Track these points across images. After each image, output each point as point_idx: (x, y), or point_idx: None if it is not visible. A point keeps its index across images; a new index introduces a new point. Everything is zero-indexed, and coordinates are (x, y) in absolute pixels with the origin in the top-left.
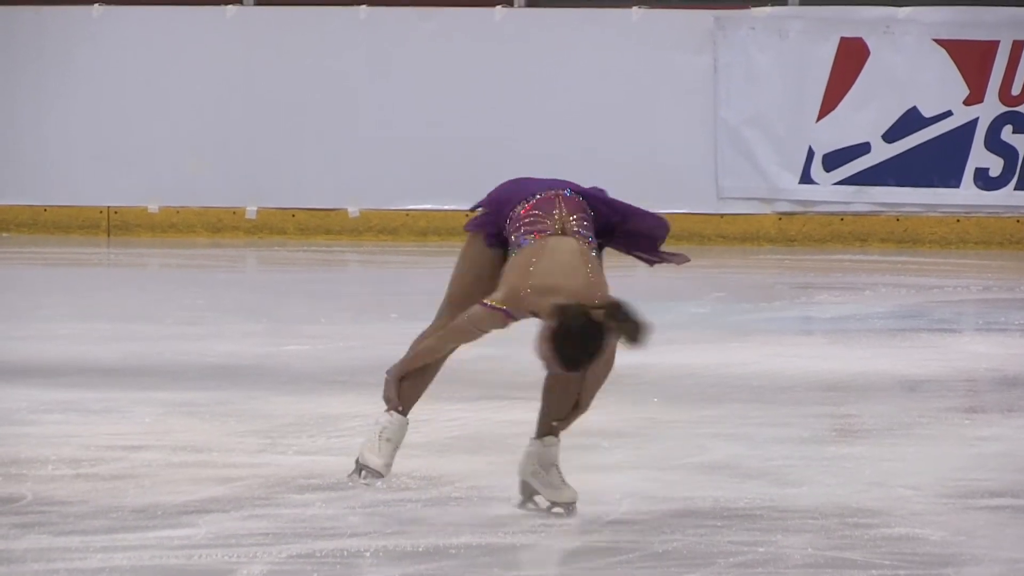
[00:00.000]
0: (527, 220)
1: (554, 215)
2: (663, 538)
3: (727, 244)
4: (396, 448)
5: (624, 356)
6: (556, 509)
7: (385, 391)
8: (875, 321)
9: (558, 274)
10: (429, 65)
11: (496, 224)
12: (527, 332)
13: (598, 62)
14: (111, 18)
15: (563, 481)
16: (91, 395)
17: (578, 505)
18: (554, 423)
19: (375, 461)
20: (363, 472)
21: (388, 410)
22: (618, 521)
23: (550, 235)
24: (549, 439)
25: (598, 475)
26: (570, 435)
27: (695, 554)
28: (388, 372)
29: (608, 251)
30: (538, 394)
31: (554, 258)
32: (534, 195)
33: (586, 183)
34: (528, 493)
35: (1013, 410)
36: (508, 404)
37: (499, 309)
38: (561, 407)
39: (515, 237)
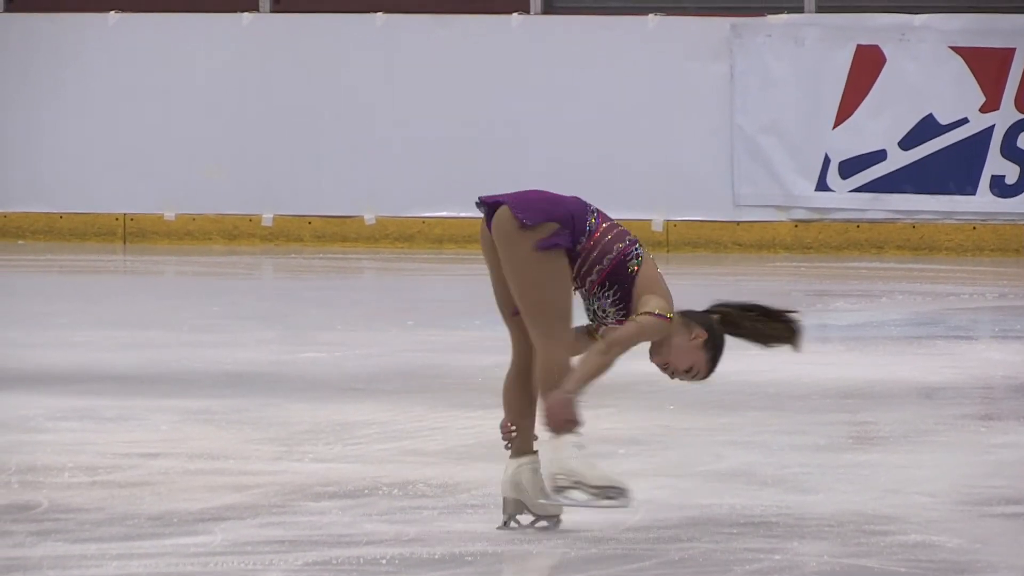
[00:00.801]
0: (615, 231)
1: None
2: (679, 546)
3: (743, 252)
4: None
5: (638, 364)
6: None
7: (568, 414)
8: (891, 328)
9: (665, 284)
10: (445, 72)
11: (572, 239)
12: None
13: (614, 69)
14: (126, 26)
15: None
16: (107, 403)
17: (591, 512)
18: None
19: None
20: (610, 494)
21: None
22: (634, 528)
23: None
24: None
25: None
26: (586, 443)
27: (711, 562)
28: (557, 398)
29: None
30: None
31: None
32: (587, 207)
33: (604, 190)
34: (516, 510)
35: None
36: None
37: (667, 318)
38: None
39: (611, 247)
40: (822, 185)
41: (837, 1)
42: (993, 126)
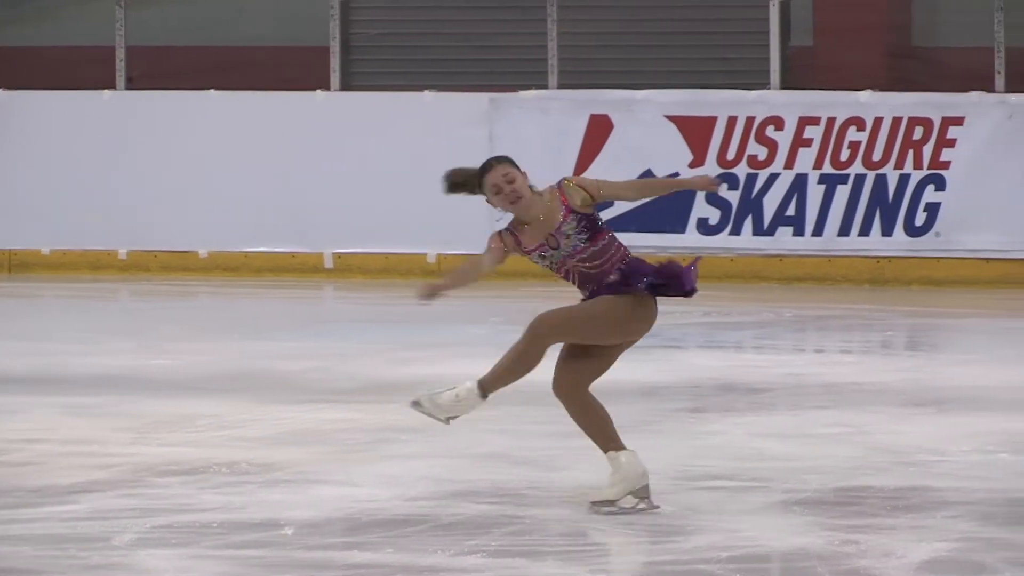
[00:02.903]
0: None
1: None
2: (450, 512)
3: (500, 279)
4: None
5: (421, 368)
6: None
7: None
8: None
9: None
10: (264, 136)
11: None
12: (352, 351)
13: (399, 134)
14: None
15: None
16: (1, 399)
17: (381, 487)
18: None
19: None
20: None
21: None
22: (413, 498)
23: None
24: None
25: (398, 463)
26: (374, 430)
27: (475, 524)
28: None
29: None
30: (351, 399)
31: None
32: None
33: (389, 229)
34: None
35: (730, 410)
36: (327, 406)
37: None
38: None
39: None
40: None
41: (575, 80)
42: None
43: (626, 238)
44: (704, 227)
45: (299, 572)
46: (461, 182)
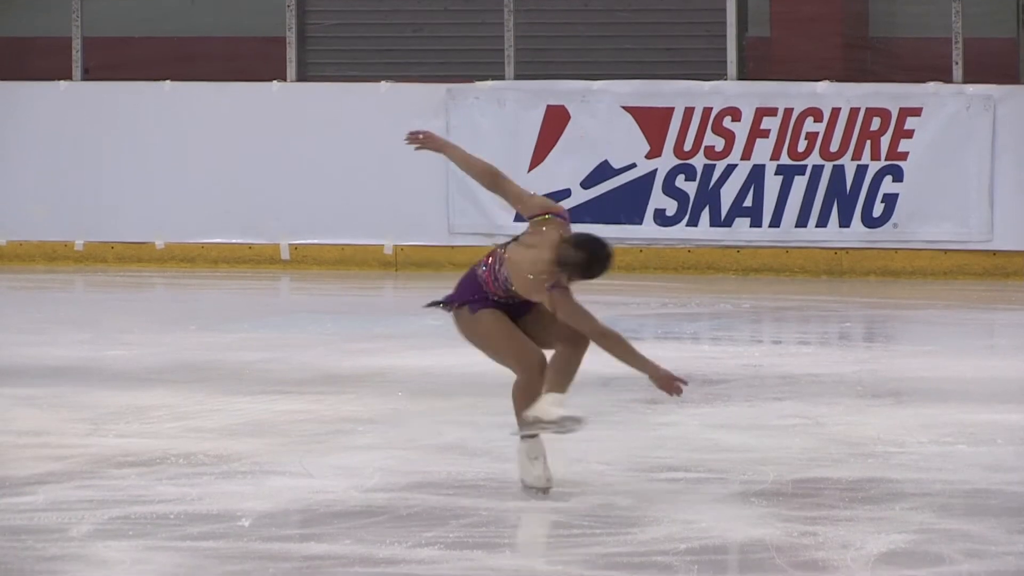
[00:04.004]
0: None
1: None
2: (408, 503)
3: (457, 270)
4: None
5: (372, 359)
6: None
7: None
8: None
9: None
10: (220, 127)
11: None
12: (308, 342)
13: (355, 125)
14: None
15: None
16: None
17: (337, 478)
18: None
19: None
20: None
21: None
22: (371, 489)
23: None
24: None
25: (354, 454)
26: (330, 421)
27: (433, 516)
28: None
29: None
30: (307, 390)
31: None
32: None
33: (346, 220)
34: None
35: (686, 402)
36: (283, 397)
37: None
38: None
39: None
40: (519, 217)
41: (531, 71)
42: (656, 169)
43: (582, 229)
44: (661, 218)
45: (256, 563)
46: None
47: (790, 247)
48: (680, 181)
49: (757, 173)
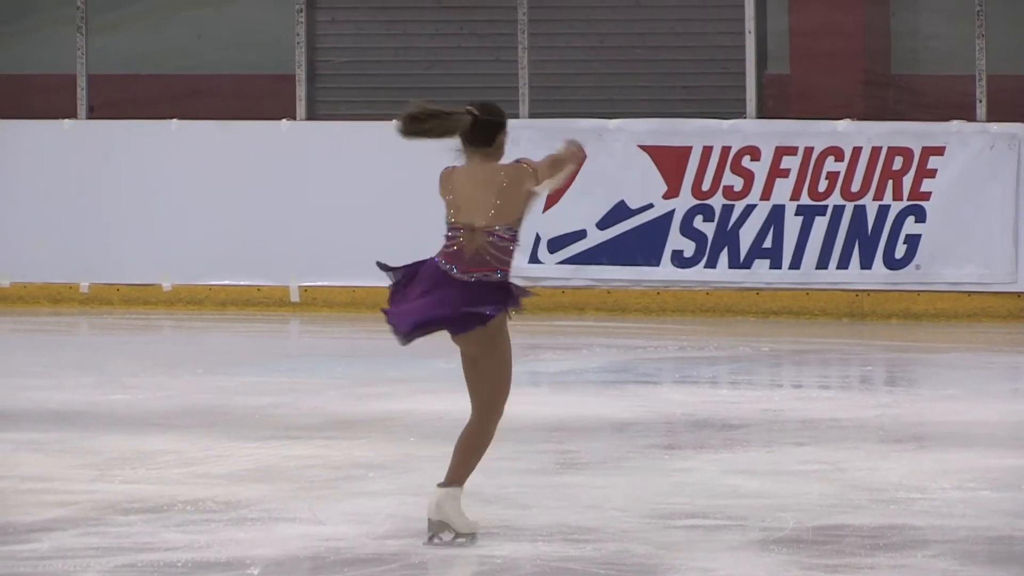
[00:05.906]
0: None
1: None
2: (420, 551)
3: None
4: None
5: (387, 403)
6: (460, 539)
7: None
8: (591, 375)
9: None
10: (228, 167)
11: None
12: (318, 385)
13: (365, 164)
14: None
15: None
16: None
17: (348, 525)
18: None
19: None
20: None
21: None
22: (382, 536)
23: None
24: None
25: (365, 500)
26: (341, 466)
27: (446, 564)
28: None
29: None
30: (318, 435)
31: None
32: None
33: (358, 264)
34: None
35: (704, 447)
36: (293, 442)
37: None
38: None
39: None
40: (534, 258)
41: (546, 109)
42: (674, 210)
43: (598, 271)
44: (679, 259)
45: None
46: (439, 113)
47: (811, 289)
48: (698, 222)
49: (777, 213)
